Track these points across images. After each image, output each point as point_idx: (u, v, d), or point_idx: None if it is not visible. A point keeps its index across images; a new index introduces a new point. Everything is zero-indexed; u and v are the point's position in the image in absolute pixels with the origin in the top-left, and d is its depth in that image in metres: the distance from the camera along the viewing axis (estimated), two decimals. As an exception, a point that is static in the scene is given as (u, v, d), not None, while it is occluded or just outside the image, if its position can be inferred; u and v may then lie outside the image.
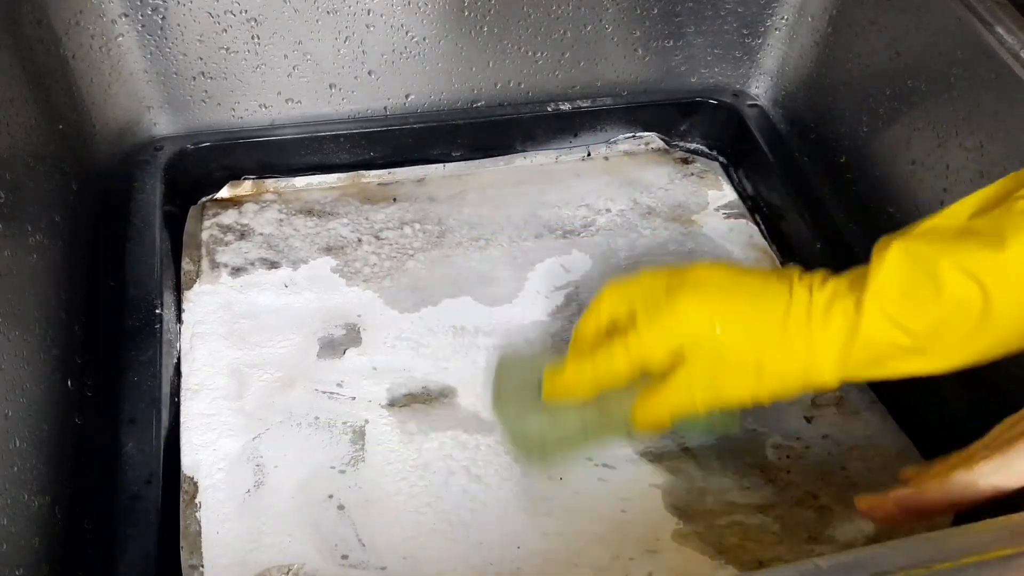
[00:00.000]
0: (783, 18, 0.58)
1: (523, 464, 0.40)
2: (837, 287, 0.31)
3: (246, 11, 0.50)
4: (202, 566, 0.36)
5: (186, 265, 0.49)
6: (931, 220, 0.31)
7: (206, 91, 0.53)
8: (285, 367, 0.44)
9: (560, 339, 0.47)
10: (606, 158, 0.59)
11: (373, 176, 0.56)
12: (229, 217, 0.52)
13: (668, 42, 0.58)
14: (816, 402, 0.45)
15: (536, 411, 0.39)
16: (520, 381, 0.40)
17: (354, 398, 0.43)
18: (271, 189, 0.54)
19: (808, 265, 0.52)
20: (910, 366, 0.31)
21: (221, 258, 0.49)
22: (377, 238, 0.52)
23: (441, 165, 0.57)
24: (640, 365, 0.33)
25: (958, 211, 0.31)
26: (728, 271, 0.34)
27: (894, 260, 0.30)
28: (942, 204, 0.47)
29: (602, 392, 0.35)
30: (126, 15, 0.49)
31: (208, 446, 0.40)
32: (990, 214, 0.30)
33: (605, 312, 0.35)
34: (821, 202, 0.53)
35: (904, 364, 0.30)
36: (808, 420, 0.44)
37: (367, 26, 0.52)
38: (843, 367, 0.31)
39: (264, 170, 0.55)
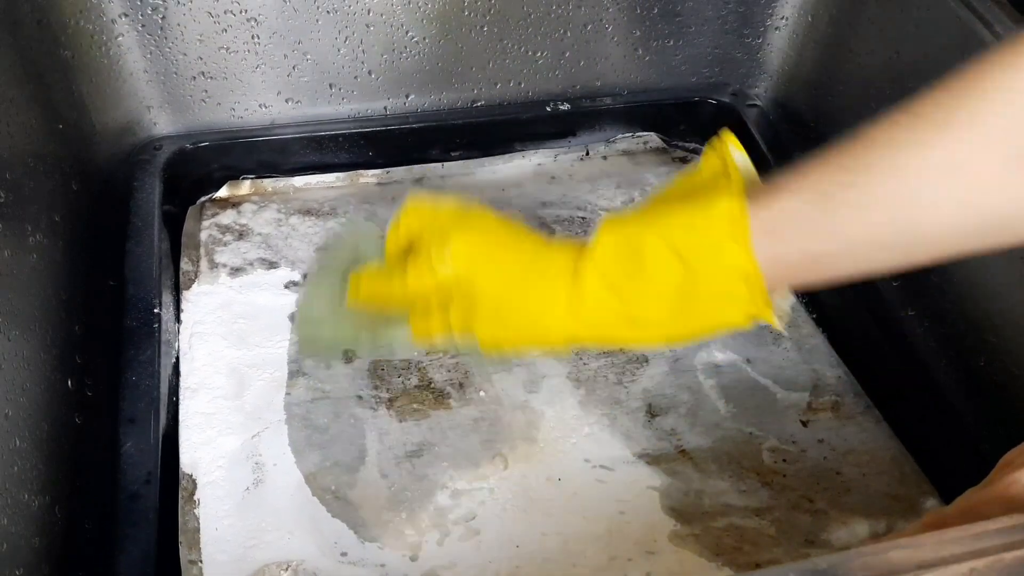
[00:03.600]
0: (783, 18, 0.58)
1: (304, 350, 0.43)
2: (577, 254, 0.33)
3: (246, 11, 0.50)
4: (201, 562, 0.36)
5: (185, 265, 0.49)
6: (651, 195, 0.34)
7: (206, 91, 0.53)
8: (284, 366, 0.44)
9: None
10: (605, 157, 0.59)
11: (372, 176, 0.56)
12: (228, 217, 0.52)
13: (668, 42, 0.58)
14: (812, 406, 0.45)
15: (333, 297, 0.40)
16: (338, 267, 0.41)
17: (353, 396, 0.43)
18: (270, 189, 0.55)
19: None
20: (629, 334, 0.33)
21: (220, 258, 0.49)
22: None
23: (440, 164, 0.57)
24: (412, 294, 0.35)
25: (676, 185, 0.33)
26: (505, 222, 0.35)
27: (606, 233, 0.32)
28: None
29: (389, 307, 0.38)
30: (126, 15, 0.49)
31: (207, 444, 0.40)
32: (696, 188, 0.32)
33: (404, 228, 0.37)
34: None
35: (623, 332, 0.33)
36: (804, 424, 0.44)
37: (367, 26, 0.52)
38: (571, 327, 0.33)
39: (263, 170, 0.55)
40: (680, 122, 0.60)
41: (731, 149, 0.32)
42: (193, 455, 0.40)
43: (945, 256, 0.29)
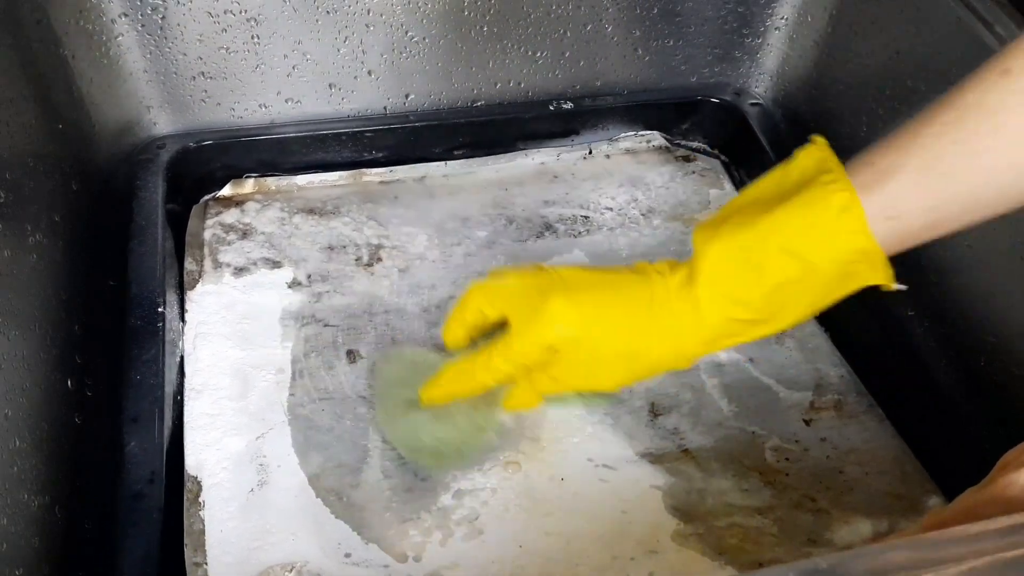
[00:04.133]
0: (783, 18, 0.58)
1: (424, 471, 0.40)
2: (682, 276, 0.34)
3: (246, 11, 0.50)
4: (206, 564, 0.36)
5: (189, 265, 0.49)
6: (736, 201, 0.34)
7: (206, 91, 0.53)
8: (288, 367, 0.44)
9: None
10: (607, 156, 0.59)
11: (374, 174, 0.56)
12: (231, 216, 0.52)
13: (668, 42, 0.58)
14: (815, 405, 0.45)
15: (422, 418, 0.39)
16: (401, 390, 0.40)
17: (357, 397, 0.43)
18: (273, 187, 0.54)
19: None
20: (758, 332, 0.34)
21: (224, 258, 0.49)
22: (378, 237, 0.52)
23: (442, 163, 0.57)
24: (518, 368, 0.35)
25: (763, 187, 0.34)
26: (590, 270, 0.36)
27: (711, 248, 0.33)
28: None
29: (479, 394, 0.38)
30: (126, 15, 0.49)
31: (212, 445, 0.40)
32: (791, 188, 0.32)
33: (471, 314, 0.36)
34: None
35: (750, 333, 0.34)
36: (807, 423, 0.44)
37: (367, 26, 0.52)
38: (702, 340, 0.34)
39: (266, 168, 0.55)
40: (682, 121, 0.60)
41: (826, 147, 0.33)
42: (198, 457, 0.40)
43: None
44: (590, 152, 0.59)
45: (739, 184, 0.59)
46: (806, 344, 0.48)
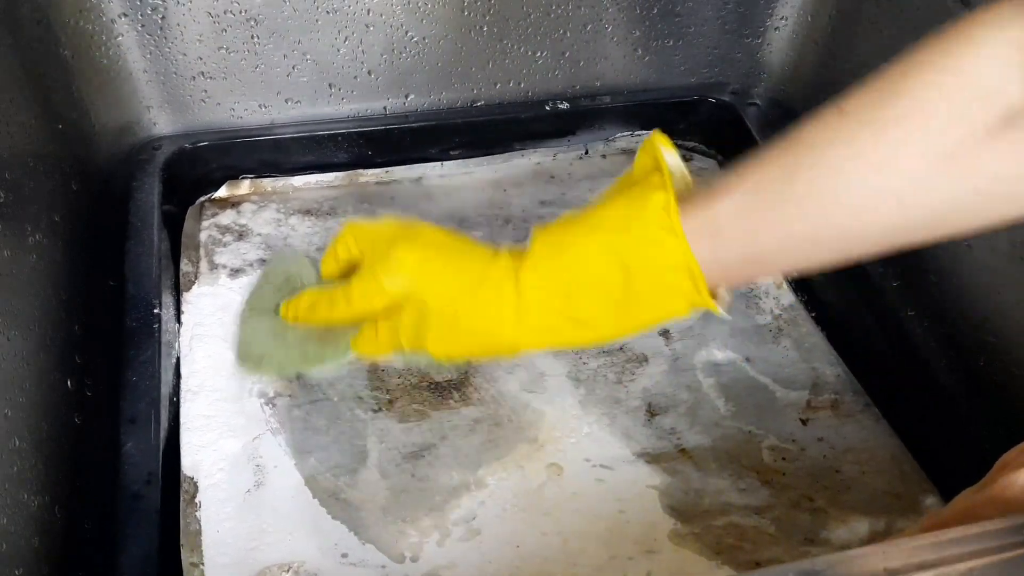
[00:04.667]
0: (783, 18, 0.58)
1: (244, 370, 0.42)
2: (519, 263, 0.34)
3: (246, 11, 0.50)
4: (202, 564, 0.36)
5: (185, 266, 0.49)
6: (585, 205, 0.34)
7: (205, 91, 0.53)
8: (284, 367, 0.44)
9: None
10: (604, 156, 0.59)
11: (371, 175, 0.56)
12: (227, 217, 0.52)
13: (668, 42, 0.58)
14: (811, 404, 0.45)
15: (265, 327, 0.41)
16: (271, 294, 0.42)
17: (353, 397, 0.43)
18: (269, 188, 0.55)
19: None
20: (576, 335, 0.34)
21: (220, 259, 0.49)
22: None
23: (439, 164, 0.57)
24: (359, 312, 0.36)
25: (608, 191, 0.34)
26: (448, 234, 0.36)
27: (541, 241, 0.33)
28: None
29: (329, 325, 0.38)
30: (126, 15, 0.49)
31: (208, 446, 0.40)
32: (625, 190, 0.33)
33: (342, 251, 0.37)
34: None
35: (570, 334, 0.34)
36: (803, 422, 0.44)
37: (367, 26, 0.52)
38: (519, 334, 0.34)
39: (262, 169, 0.55)
40: (679, 121, 0.60)
41: (662, 149, 0.33)
42: (194, 458, 0.40)
43: (880, 251, 0.30)
44: (586, 152, 0.59)
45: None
46: (803, 343, 0.48)
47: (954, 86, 0.27)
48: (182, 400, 0.42)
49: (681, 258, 0.30)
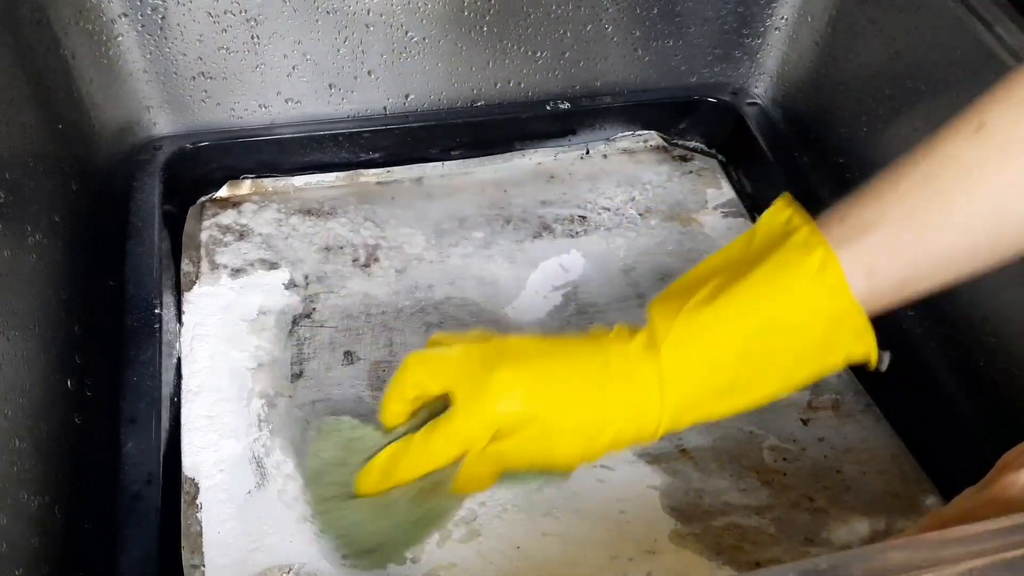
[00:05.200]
0: (783, 18, 0.58)
1: (364, 566, 0.36)
2: (643, 339, 0.31)
3: (246, 11, 0.50)
4: (203, 566, 0.36)
5: (185, 266, 0.49)
6: (696, 271, 0.32)
7: (205, 91, 0.53)
8: (286, 369, 0.44)
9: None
10: (605, 156, 0.59)
11: (371, 175, 0.56)
12: (228, 217, 0.52)
13: (668, 42, 0.58)
14: (812, 404, 0.45)
15: (360, 510, 0.35)
16: (335, 472, 0.36)
17: (354, 398, 0.43)
18: (270, 188, 0.55)
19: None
20: (729, 404, 0.31)
21: (220, 259, 0.49)
22: (375, 238, 0.52)
23: (439, 164, 0.57)
24: (463, 449, 0.32)
25: (726, 255, 0.32)
26: (540, 339, 0.33)
27: (682, 322, 0.30)
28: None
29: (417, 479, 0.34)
30: (126, 15, 0.49)
31: (209, 447, 0.40)
32: (757, 251, 0.31)
33: (411, 388, 0.33)
34: (820, 201, 0.53)
35: (724, 403, 0.31)
36: (804, 423, 0.44)
37: (367, 26, 0.52)
38: (668, 411, 0.31)
39: (263, 169, 0.55)
40: (680, 121, 0.60)
41: (792, 207, 0.31)
42: (195, 459, 0.40)
43: (1013, 260, 0.30)
44: (587, 152, 0.59)
45: (736, 183, 0.58)
46: (805, 344, 0.48)
47: None
48: (183, 400, 0.42)
49: (847, 313, 0.29)
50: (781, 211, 0.32)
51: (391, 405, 0.34)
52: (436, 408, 0.33)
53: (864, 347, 0.30)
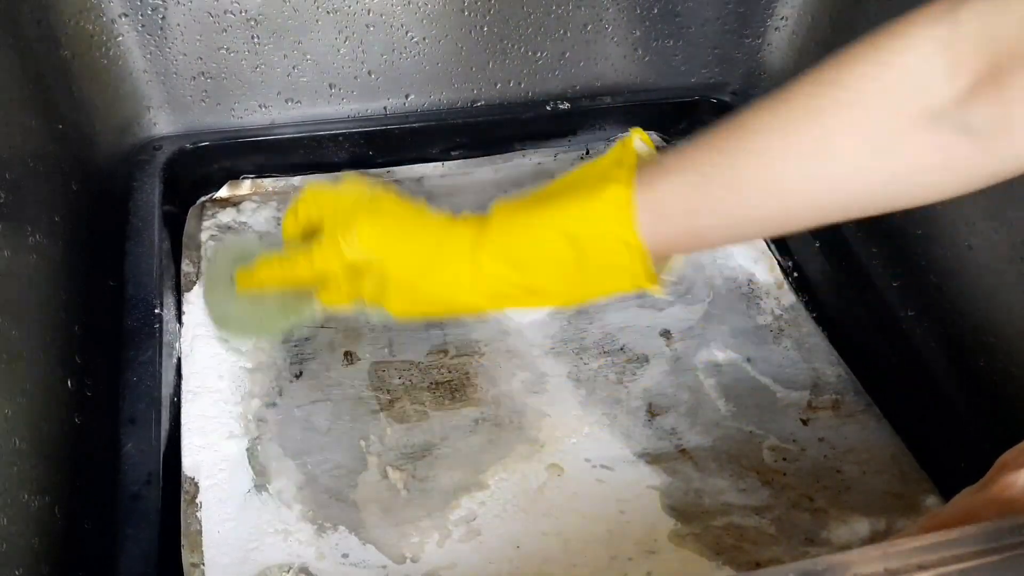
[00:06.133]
0: (783, 18, 0.58)
1: (226, 337, 0.44)
2: (477, 232, 0.36)
3: (246, 11, 0.50)
4: (203, 564, 0.36)
5: (186, 267, 0.49)
6: (548, 186, 0.36)
7: (206, 91, 0.53)
8: (285, 369, 0.44)
9: (558, 339, 0.47)
10: (605, 157, 0.59)
11: (372, 175, 0.56)
12: (228, 217, 0.52)
13: (668, 42, 0.58)
14: (812, 404, 0.45)
15: (239, 301, 0.43)
16: (227, 265, 0.44)
17: (354, 398, 0.43)
18: (270, 188, 0.54)
19: (806, 266, 0.53)
20: (527, 301, 0.37)
21: (211, 254, 0.49)
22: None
23: (440, 164, 0.57)
24: (319, 274, 0.37)
25: (572, 174, 0.36)
26: (406, 204, 0.38)
27: (501, 216, 0.35)
28: (941, 203, 0.47)
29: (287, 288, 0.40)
30: (126, 15, 0.49)
31: (209, 447, 0.40)
32: (591, 176, 0.35)
33: (302, 214, 0.39)
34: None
35: (522, 300, 0.36)
36: (804, 423, 0.44)
37: (367, 26, 0.52)
38: (474, 298, 0.36)
39: (263, 170, 0.55)
40: (680, 121, 0.60)
41: (636, 141, 0.35)
42: (195, 458, 0.40)
43: (811, 226, 0.33)
44: (587, 152, 0.59)
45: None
46: (803, 343, 0.48)
47: (886, 80, 0.28)
48: (183, 400, 0.42)
49: (627, 242, 0.33)
50: (621, 146, 0.35)
51: (287, 219, 0.39)
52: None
53: (640, 275, 0.34)
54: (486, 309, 0.37)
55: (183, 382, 0.43)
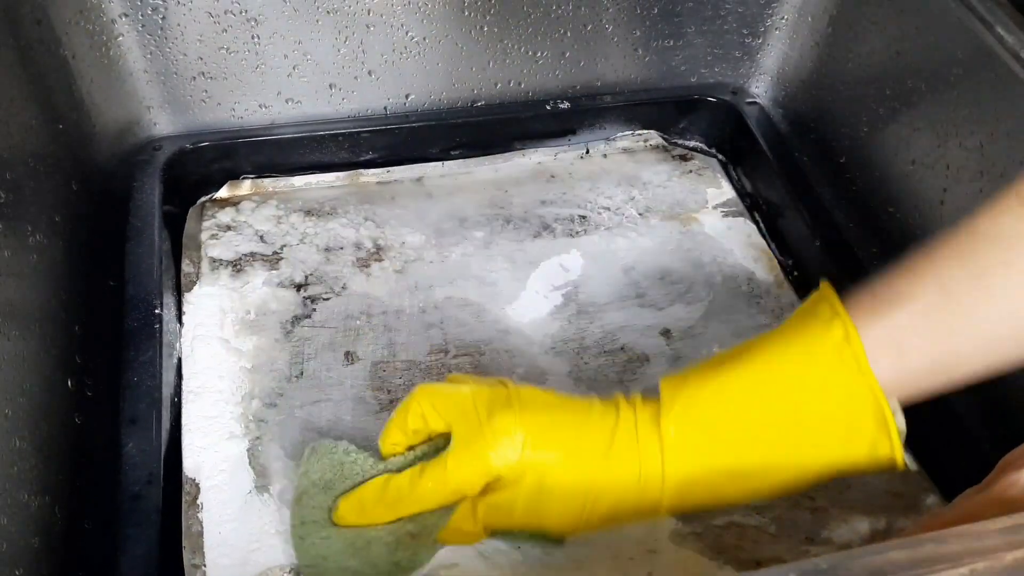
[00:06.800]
0: (783, 18, 0.58)
1: None
2: (652, 410, 0.29)
3: (246, 11, 0.50)
4: (204, 566, 0.36)
5: (186, 267, 0.49)
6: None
7: (206, 91, 0.53)
8: (286, 369, 0.44)
9: (558, 339, 0.47)
10: (605, 155, 0.59)
11: (372, 175, 0.56)
12: (228, 217, 0.52)
13: (668, 42, 0.58)
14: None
15: (335, 539, 0.33)
16: (322, 495, 0.34)
17: (355, 398, 0.43)
18: (270, 188, 0.55)
19: (807, 265, 0.53)
20: (738, 487, 0.29)
21: (212, 252, 0.49)
22: (376, 238, 0.52)
23: (440, 164, 0.57)
24: (455, 494, 0.31)
25: (749, 343, 0.31)
26: (553, 393, 0.31)
27: (677, 391, 0.29)
28: (942, 204, 0.47)
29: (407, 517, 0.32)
30: (126, 15, 0.49)
31: (210, 448, 0.40)
32: (780, 336, 0.29)
33: (413, 419, 0.32)
34: (820, 201, 0.53)
35: (732, 486, 0.29)
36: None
37: (367, 26, 0.52)
38: (670, 486, 0.29)
39: (263, 170, 0.55)
40: (680, 121, 0.60)
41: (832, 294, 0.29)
42: (196, 459, 0.40)
43: None
44: (587, 152, 0.59)
45: (736, 183, 0.59)
46: (805, 344, 0.48)
47: None
48: (184, 401, 0.42)
49: (865, 393, 0.27)
50: (814, 297, 0.30)
51: (390, 434, 0.33)
52: (439, 446, 0.32)
53: (886, 440, 0.27)
54: (675, 510, 0.30)
55: (184, 382, 0.43)
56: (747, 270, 0.52)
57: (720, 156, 0.60)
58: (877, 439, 0.27)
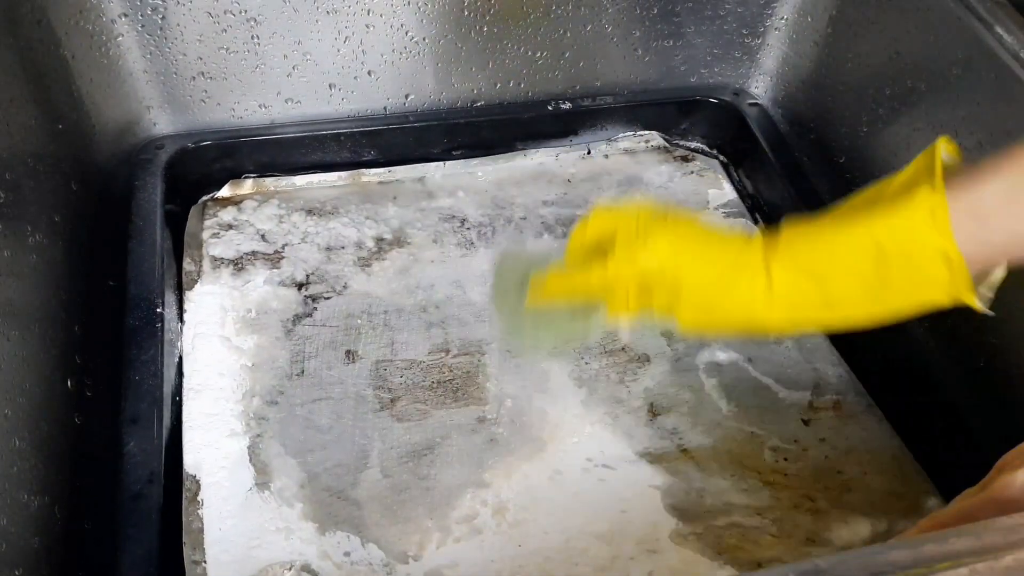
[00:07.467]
0: (783, 18, 0.58)
1: (519, 345, 0.46)
2: (768, 245, 0.35)
3: (246, 11, 0.50)
4: (204, 562, 0.36)
5: (187, 265, 0.49)
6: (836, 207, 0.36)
7: (206, 91, 0.53)
8: (287, 367, 0.44)
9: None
10: (606, 156, 0.59)
11: (373, 175, 0.56)
12: (229, 216, 0.52)
13: (668, 42, 0.58)
14: (813, 405, 0.45)
15: (528, 318, 0.42)
16: (515, 280, 0.43)
17: (356, 396, 0.43)
18: (272, 188, 0.54)
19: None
20: (825, 316, 0.35)
21: (213, 251, 0.49)
22: (377, 237, 0.52)
23: (441, 164, 0.57)
24: (611, 284, 0.37)
25: (865, 192, 0.35)
26: (702, 224, 0.37)
27: (794, 232, 0.34)
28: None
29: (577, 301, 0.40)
30: (126, 15, 0.49)
31: (210, 445, 0.40)
32: (891, 190, 0.33)
33: (591, 230, 0.38)
34: (821, 201, 0.53)
35: (819, 314, 0.35)
36: (806, 423, 0.44)
37: (367, 26, 0.52)
38: (769, 313, 0.35)
39: (265, 169, 0.55)
40: (680, 121, 0.60)
41: (943, 151, 0.32)
42: (197, 456, 0.40)
43: None
44: (588, 152, 0.59)
45: (737, 183, 0.59)
46: (805, 344, 0.48)
47: None
48: (185, 399, 0.42)
49: (942, 247, 0.30)
50: (930, 153, 0.33)
51: (574, 237, 0.39)
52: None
53: (960, 286, 0.31)
54: (780, 326, 0.35)
55: (185, 380, 0.43)
56: (747, 270, 0.52)
57: (721, 157, 0.60)
58: (955, 285, 0.31)
